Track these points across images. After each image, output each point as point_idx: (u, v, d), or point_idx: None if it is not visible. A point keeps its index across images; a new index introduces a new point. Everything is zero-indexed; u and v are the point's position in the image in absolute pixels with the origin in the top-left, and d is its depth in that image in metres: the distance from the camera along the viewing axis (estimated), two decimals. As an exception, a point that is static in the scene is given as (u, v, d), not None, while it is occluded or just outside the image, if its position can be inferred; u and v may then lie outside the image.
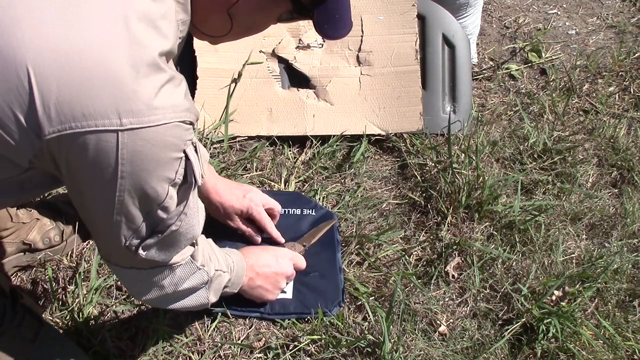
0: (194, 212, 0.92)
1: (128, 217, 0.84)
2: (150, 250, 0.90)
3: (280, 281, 1.29)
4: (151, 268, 0.95)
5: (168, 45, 0.80)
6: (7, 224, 1.31)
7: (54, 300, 1.30)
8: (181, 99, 0.81)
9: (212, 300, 1.11)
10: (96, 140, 0.74)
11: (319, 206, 1.52)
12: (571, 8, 2.37)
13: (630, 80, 2.01)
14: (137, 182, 0.80)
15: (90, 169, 0.77)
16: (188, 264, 1.00)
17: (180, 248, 0.95)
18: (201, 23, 0.92)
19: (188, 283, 1.02)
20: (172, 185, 0.83)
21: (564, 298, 1.34)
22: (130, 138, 0.75)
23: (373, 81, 1.75)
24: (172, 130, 0.79)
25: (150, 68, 0.76)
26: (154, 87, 0.76)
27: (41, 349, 1.12)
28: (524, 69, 2.06)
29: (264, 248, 1.33)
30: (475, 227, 1.51)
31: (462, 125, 1.76)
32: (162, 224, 0.87)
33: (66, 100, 0.72)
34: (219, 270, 1.10)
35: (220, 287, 1.12)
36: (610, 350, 1.30)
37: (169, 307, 1.07)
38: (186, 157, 0.83)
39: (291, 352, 1.26)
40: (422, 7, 1.79)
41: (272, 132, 1.70)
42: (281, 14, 0.94)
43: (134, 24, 0.76)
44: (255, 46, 1.75)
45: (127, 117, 0.74)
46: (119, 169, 0.77)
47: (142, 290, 1.00)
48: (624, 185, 1.69)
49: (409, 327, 1.31)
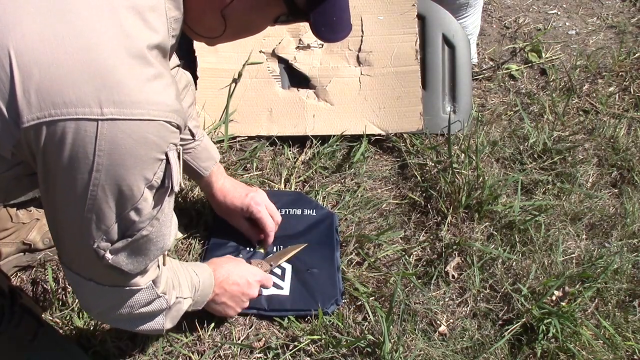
0: (167, 220, 0.89)
1: (99, 215, 0.80)
2: (118, 255, 0.86)
3: (244, 301, 1.27)
4: (110, 286, 0.92)
5: (157, 39, 0.78)
6: (7, 224, 1.31)
7: (54, 300, 1.30)
8: (170, 99, 0.79)
9: (167, 327, 1.06)
10: (75, 128, 0.72)
11: (319, 206, 1.52)
12: (571, 8, 2.37)
13: (630, 80, 2.01)
14: (113, 177, 0.77)
15: (67, 160, 0.75)
16: (148, 289, 0.96)
17: (149, 259, 0.90)
18: (195, 23, 0.91)
19: (145, 309, 0.98)
20: (148, 187, 0.81)
21: (564, 298, 1.34)
22: (110, 129, 0.73)
23: (373, 81, 1.75)
24: (156, 128, 0.77)
25: (137, 60, 0.75)
26: (140, 79, 0.75)
27: (40, 349, 1.12)
28: (524, 69, 2.06)
29: (237, 263, 1.29)
30: (475, 227, 1.51)
31: (462, 125, 1.76)
32: (133, 227, 0.84)
33: (47, 86, 0.70)
34: (179, 298, 1.05)
35: (178, 314, 1.08)
36: (610, 350, 1.30)
37: (119, 327, 1.03)
38: (167, 161, 0.80)
39: (291, 352, 1.25)
40: (422, 7, 1.79)
41: (272, 132, 1.70)
42: (277, 16, 0.92)
43: (122, 14, 0.75)
44: (255, 46, 1.75)
45: (109, 106, 0.72)
46: (96, 160, 0.74)
47: (95, 304, 0.97)
48: (624, 185, 1.69)
49: (409, 327, 1.31)
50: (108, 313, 0.97)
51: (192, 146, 1.32)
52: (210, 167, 1.36)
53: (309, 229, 1.47)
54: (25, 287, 1.35)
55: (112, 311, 0.96)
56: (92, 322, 1.26)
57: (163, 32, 0.80)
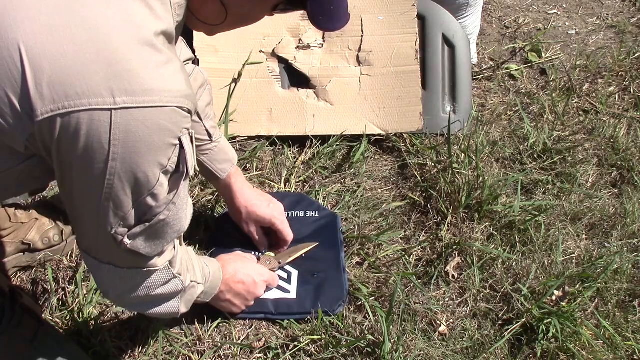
0: (183, 203, 0.90)
1: (116, 202, 0.81)
2: (136, 240, 0.87)
3: (249, 300, 1.27)
4: (128, 268, 0.93)
5: (163, 26, 0.79)
6: (6, 224, 1.31)
7: (54, 300, 1.30)
8: (181, 84, 0.79)
9: (182, 311, 1.08)
10: (89, 119, 0.73)
11: (322, 207, 1.52)
12: (571, 8, 2.37)
13: (630, 80, 2.01)
14: (129, 166, 0.78)
15: (82, 150, 0.75)
16: (165, 270, 0.97)
17: (166, 241, 0.92)
18: (197, 9, 0.92)
19: (162, 289, 0.99)
20: (163, 172, 0.82)
21: (564, 298, 1.34)
22: (124, 118, 0.74)
23: (373, 81, 1.75)
24: (168, 114, 0.77)
25: (146, 47, 0.75)
26: (150, 67, 0.75)
27: (40, 349, 1.12)
28: (524, 69, 2.06)
29: (245, 261, 1.29)
30: (475, 227, 1.51)
31: (462, 125, 1.76)
32: (150, 212, 0.85)
33: (59, 79, 0.71)
34: (193, 282, 1.07)
35: (192, 298, 1.09)
36: (610, 350, 1.30)
37: (136, 311, 1.04)
38: (181, 146, 0.82)
39: (291, 352, 1.25)
40: (422, 7, 1.79)
41: (272, 132, 1.70)
42: (275, 4, 0.93)
43: (128, 2, 0.75)
44: (255, 46, 1.75)
45: (121, 95, 0.73)
46: (111, 150, 0.75)
47: (114, 288, 0.97)
48: (624, 185, 1.69)
49: (409, 327, 1.31)
50: (126, 295, 0.98)
51: (209, 147, 1.30)
52: (228, 169, 1.34)
53: (312, 230, 1.47)
54: (25, 287, 1.35)
55: (130, 293, 0.97)
56: (92, 322, 1.26)
57: (168, 18, 0.81)
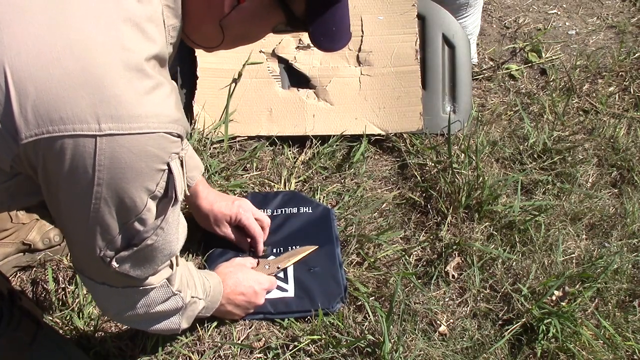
0: (173, 227, 0.89)
1: (103, 226, 0.81)
2: (124, 263, 0.86)
3: (249, 309, 1.29)
4: (123, 287, 0.92)
5: (155, 50, 0.77)
6: (7, 225, 1.31)
7: (54, 300, 1.30)
8: (170, 109, 0.78)
9: (183, 327, 1.07)
10: (74, 145, 0.72)
11: (315, 203, 1.52)
12: (571, 8, 2.37)
13: (630, 80, 2.01)
14: (115, 191, 0.77)
15: (67, 174, 0.74)
16: (163, 287, 0.96)
17: (156, 264, 0.91)
18: (193, 32, 0.90)
19: (161, 307, 0.99)
20: (151, 197, 0.80)
21: (564, 298, 1.34)
22: (109, 144, 0.73)
23: (373, 81, 1.75)
24: (156, 140, 0.76)
25: (135, 73, 0.74)
26: (138, 93, 0.74)
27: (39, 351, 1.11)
28: (524, 69, 2.06)
29: (245, 272, 1.29)
30: (475, 227, 1.51)
31: (462, 125, 1.76)
32: (138, 237, 0.84)
33: (44, 103, 0.70)
34: (194, 297, 1.07)
35: (193, 314, 1.09)
36: (610, 350, 1.30)
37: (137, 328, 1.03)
38: (169, 171, 0.80)
39: (291, 352, 1.25)
40: (422, 7, 1.79)
41: (272, 132, 1.70)
42: (275, 25, 0.92)
43: (119, 26, 0.74)
44: (255, 46, 1.75)
45: (107, 122, 0.72)
46: (96, 175, 0.74)
47: (111, 306, 0.97)
48: (624, 185, 1.69)
49: (409, 327, 1.31)
50: (125, 313, 0.97)
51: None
52: (197, 176, 1.34)
53: (306, 225, 1.47)
54: (25, 287, 1.35)
55: (128, 311, 0.96)
56: (92, 322, 1.26)
57: (161, 41, 0.80)
